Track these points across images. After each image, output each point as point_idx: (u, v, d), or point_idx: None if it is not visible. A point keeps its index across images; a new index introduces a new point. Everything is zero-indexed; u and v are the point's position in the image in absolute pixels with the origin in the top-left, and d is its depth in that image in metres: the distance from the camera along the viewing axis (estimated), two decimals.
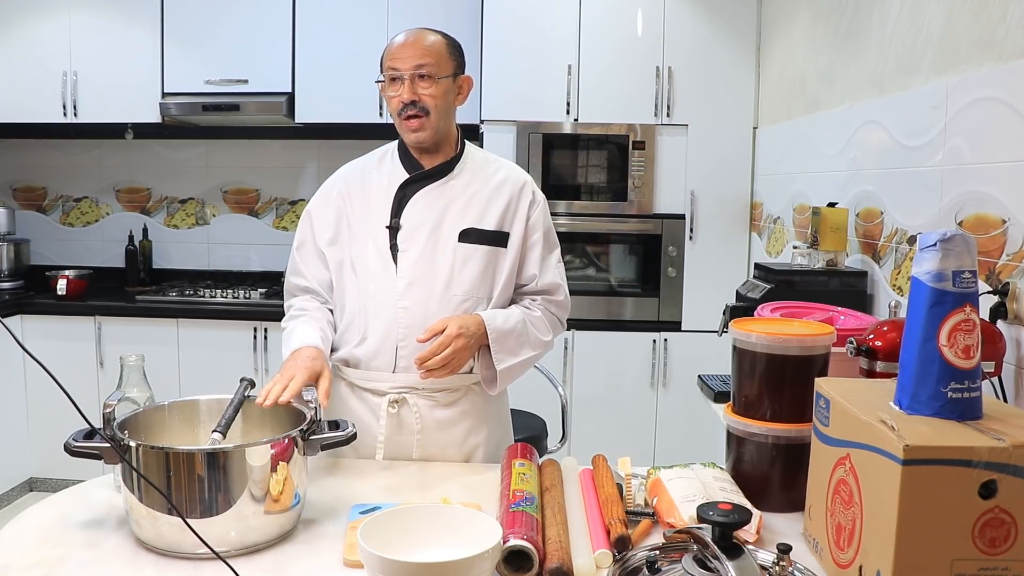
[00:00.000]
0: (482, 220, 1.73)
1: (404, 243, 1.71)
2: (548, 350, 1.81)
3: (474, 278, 1.71)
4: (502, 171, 1.80)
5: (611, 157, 3.55)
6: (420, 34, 1.72)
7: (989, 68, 1.78)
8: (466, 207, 1.74)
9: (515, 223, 1.76)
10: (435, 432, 1.72)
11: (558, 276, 1.82)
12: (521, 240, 1.77)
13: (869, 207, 2.37)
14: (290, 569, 1.18)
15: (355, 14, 3.73)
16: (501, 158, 1.87)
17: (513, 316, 1.72)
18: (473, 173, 1.77)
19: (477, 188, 1.75)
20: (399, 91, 1.68)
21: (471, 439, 1.75)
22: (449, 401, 1.73)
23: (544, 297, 1.80)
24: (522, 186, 1.79)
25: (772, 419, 1.39)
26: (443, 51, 1.71)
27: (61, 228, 4.34)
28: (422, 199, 1.73)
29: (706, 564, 1.02)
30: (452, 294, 1.70)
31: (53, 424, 2.46)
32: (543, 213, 1.81)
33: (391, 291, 1.70)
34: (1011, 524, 0.97)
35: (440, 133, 1.73)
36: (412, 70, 1.67)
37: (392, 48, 1.70)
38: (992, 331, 1.60)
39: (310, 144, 4.15)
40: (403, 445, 1.71)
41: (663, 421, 3.56)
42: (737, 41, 3.49)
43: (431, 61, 1.68)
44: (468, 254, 1.71)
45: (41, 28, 3.82)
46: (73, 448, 1.22)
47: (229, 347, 3.62)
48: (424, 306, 1.68)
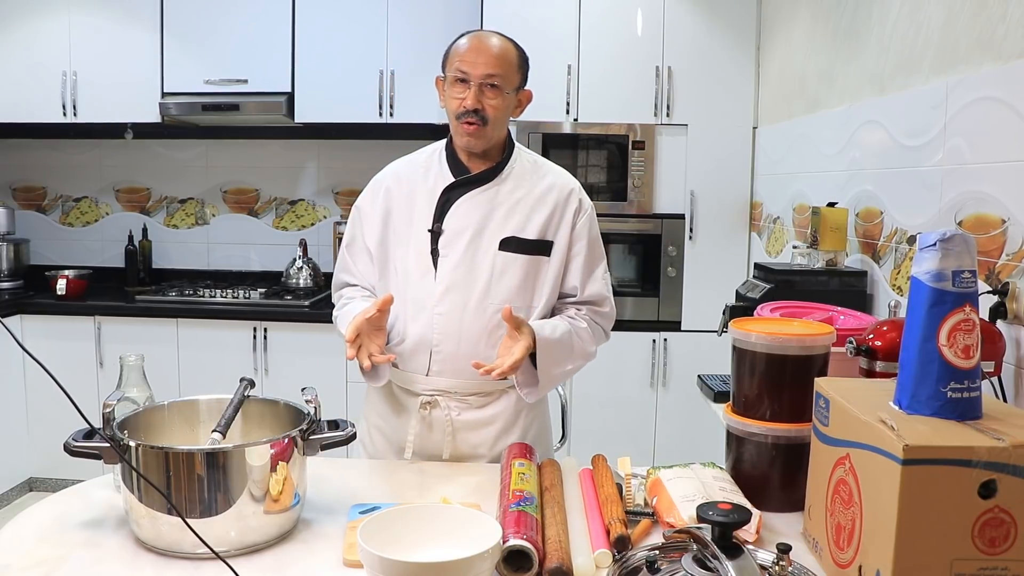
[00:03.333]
0: (525, 228, 1.71)
1: (445, 248, 1.69)
2: (590, 361, 1.78)
3: (512, 287, 1.69)
4: (549, 177, 1.77)
5: (611, 157, 3.56)
6: (493, 40, 1.68)
7: (989, 68, 1.78)
8: (509, 214, 1.71)
9: (560, 232, 1.73)
10: (466, 433, 1.71)
11: (604, 287, 1.78)
12: (565, 249, 1.73)
13: (869, 207, 2.37)
14: (290, 569, 1.18)
15: (355, 14, 3.73)
16: (550, 163, 1.83)
17: (560, 327, 1.69)
18: (520, 179, 1.74)
19: (522, 195, 1.72)
20: (463, 94, 1.65)
21: (502, 441, 1.72)
22: (481, 404, 1.72)
23: (589, 307, 1.77)
24: (568, 193, 1.75)
25: (772, 419, 1.39)
26: (514, 62, 1.69)
27: (61, 228, 4.34)
28: (465, 204, 1.71)
29: (706, 564, 1.02)
30: (488, 302, 1.68)
31: (53, 424, 2.46)
32: (589, 221, 1.77)
33: (429, 296, 1.69)
34: (1011, 524, 0.97)
35: (492, 142, 1.72)
36: (482, 78, 1.65)
37: (463, 49, 1.67)
38: (992, 331, 1.60)
39: (310, 144, 4.15)
40: (434, 445, 1.71)
41: (663, 421, 3.56)
42: (737, 41, 3.49)
43: (502, 72, 1.66)
44: (508, 263, 1.69)
45: (41, 28, 3.82)
46: (73, 448, 1.22)
47: (229, 347, 3.62)
48: (460, 313, 1.67)
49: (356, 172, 4.11)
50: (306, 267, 4.02)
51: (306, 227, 4.19)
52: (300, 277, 4.01)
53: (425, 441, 1.71)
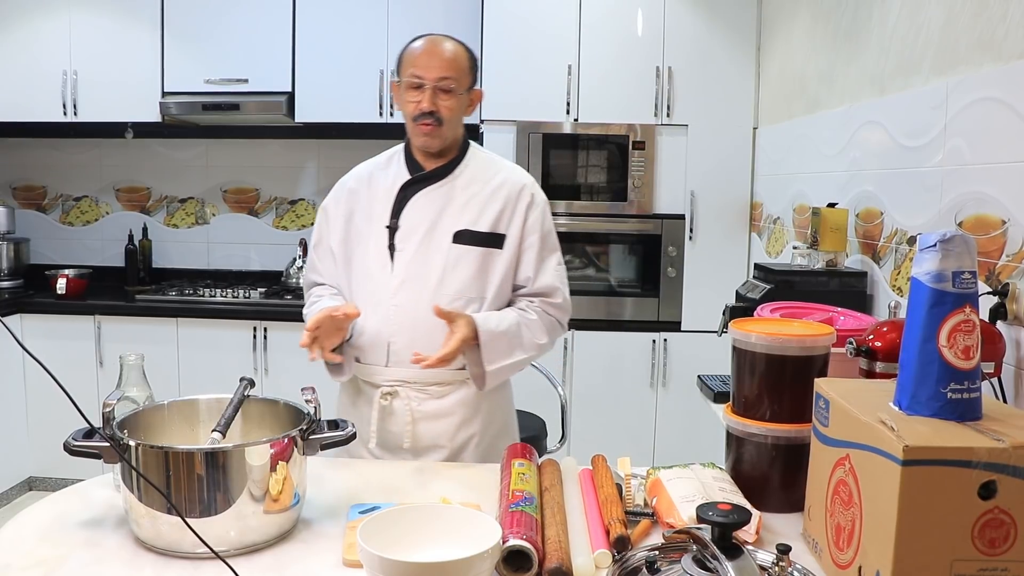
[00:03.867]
0: (477, 222, 1.78)
1: (401, 243, 1.77)
2: (544, 352, 1.84)
3: (466, 279, 1.76)
4: (502, 173, 1.84)
5: (611, 157, 3.55)
6: (446, 44, 1.76)
7: (989, 68, 1.78)
8: (463, 209, 1.78)
9: (512, 225, 1.80)
10: (426, 423, 1.77)
11: (556, 279, 1.83)
12: (517, 242, 1.80)
13: (869, 207, 2.37)
14: (289, 569, 1.18)
15: (355, 14, 3.73)
16: (505, 160, 1.90)
17: (507, 319, 1.75)
18: (474, 175, 1.81)
19: (476, 190, 1.80)
20: (418, 98, 1.73)
21: (463, 432, 1.79)
22: (441, 394, 1.78)
23: (542, 299, 1.82)
24: (521, 188, 1.82)
25: (772, 419, 1.39)
26: (465, 65, 1.77)
27: (61, 227, 4.34)
28: (421, 200, 1.79)
29: (705, 564, 1.02)
30: (443, 293, 1.74)
31: (52, 423, 2.46)
32: (542, 215, 1.84)
33: (385, 288, 1.76)
34: (1010, 525, 0.97)
35: (448, 141, 1.79)
36: (436, 81, 1.72)
37: (416, 54, 1.74)
38: (992, 332, 1.60)
39: (310, 144, 4.15)
40: (394, 435, 1.78)
41: (663, 421, 3.56)
42: (737, 41, 3.49)
43: (454, 75, 1.74)
44: (461, 255, 1.76)
45: (41, 27, 3.82)
46: (73, 447, 1.22)
47: (229, 346, 3.62)
48: (415, 305, 1.74)
49: None
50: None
51: (306, 227, 4.19)
52: (300, 277, 4.00)
53: (386, 432, 1.78)
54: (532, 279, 1.80)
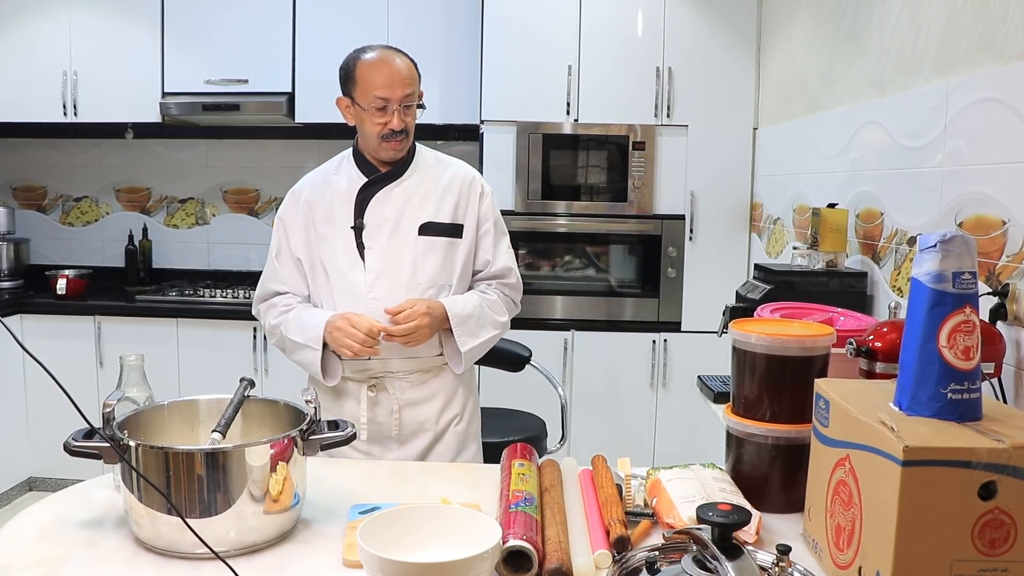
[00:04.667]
0: (438, 214, 1.88)
1: (369, 240, 1.86)
2: (505, 330, 1.97)
3: (435, 267, 1.87)
4: (451, 169, 1.95)
5: (611, 157, 3.55)
6: (398, 60, 1.82)
7: (989, 69, 1.78)
8: (423, 203, 1.88)
9: (467, 215, 1.92)
10: (411, 410, 1.89)
11: (509, 260, 1.98)
12: (474, 230, 1.92)
13: (869, 208, 2.37)
14: (289, 569, 1.18)
15: (355, 14, 3.73)
16: (450, 157, 2.01)
17: (471, 301, 1.89)
18: (425, 172, 1.92)
19: (430, 186, 1.90)
20: (385, 119, 1.80)
21: (446, 414, 1.92)
22: (422, 381, 1.90)
23: (498, 281, 1.96)
24: (471, 181, 1.94)
25: (772, 420, 1.39)
26: (416, 74, 1.85)
27: (61, 228, 4.34)
28: (382, 199, 1.87)
29: (705, 565, 1.02)
30: (417, 283, 1.85)
31: (52, 424, 2.47)
32: (492, 204, 1.97)
33: (361, 285, 1.84)
34: (1011, 525, 0.97)
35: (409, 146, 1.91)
36: (401, 100, 1.80)
37: (375, 76, 1.79)
38: (992, 332, 1.60)
39: (310, 144, 4.15)
40: (383, 425, 1.87)
41: (663, 422, 3.56)
42: (737, 42, 3.49)
43: (414, 90, 1.83)
44: (428, 246, 1.87)
45: (41, 28, 3.82)
46: (73, 448, 1.22)
47: (229, 347, 3.62)
48: (392, 296, 1.82)
49: None
50: None
51: None
52: None
53: (375, 423, 1.87)
54: (490, 263, 1.93)
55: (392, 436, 1.87)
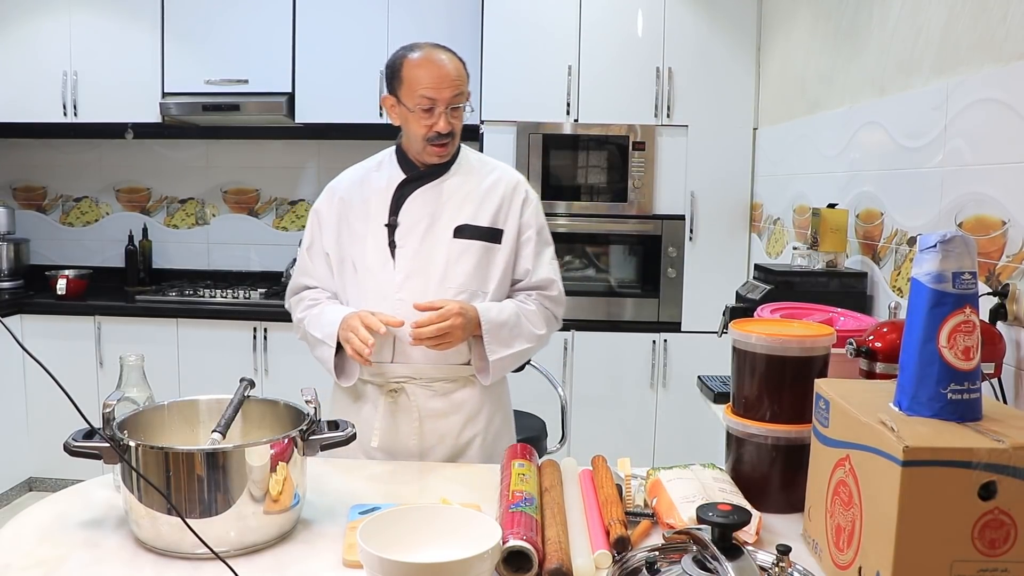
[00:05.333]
0: (476, 217, 1.79)
1: (401, 239, 1.78)
2: (543, 344, 1.86)
3: (468, 272, 1.77)
4: (496, 172, 1.86)
5: (611, 158, 3.55)
6: (447, 60, 1.73)
7: (989, 69, 1.78)
8: (461, 204, 1.80)
9: (508, 220, 1.82)
10: (432, 421, 1.78)
11: (552, 272, 1.87)
12: (515, 237, 1.83)
13: (869, 208, 2.37)
14: (289, 569, 1.18)
15: (355, 14, 3.73)
16: (496, 161, 1.92)
17: (507, 309, 1.78)
18: (467, 174, 1.83)
19: (471, 188, 1.81)
20: (432, 121, 1.72)
21: (468, 430, 1.81)
22: (446, 391, 1.79)
23: (539, 292, 1.85)
24: (515, 185, 1.85)
25: (772, 420, 1.39)
26: (465, 74, 1.77)
27: (61, 228, 4.34)
28: (419, 197, 1.79)
29: (705, 565, 1.02)
30: (447, 287, 1.76)
31: (53, 424, 2.46)
32: (536, 211, 1.87)
33: (389, 284, 1.76)
34: (1011, 525, 0.97)
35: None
36: (449, 102, 1.71)
37: (423, 76, 1.70)
38: (992, 332, 1.60)
39: (310, 144, 4.15)
40: (401, 434, 1.78)
41: (663, 422, 3.56)
42: (737, 42, 3.49)
43: (463, 89, 1.74)
44: (463, 249, 1.77)
45: (41, 28, 3.82)
46: (73, 448, 1.22)
47: (229, 347, 3.62)
48: (420, 298, 1.73)
49: None
50: None
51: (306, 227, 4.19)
52: None
53: (392, 431, 1.77)
54: (530, 272, 1.83)
55: (411, 446, 1.77)
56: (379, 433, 1.76)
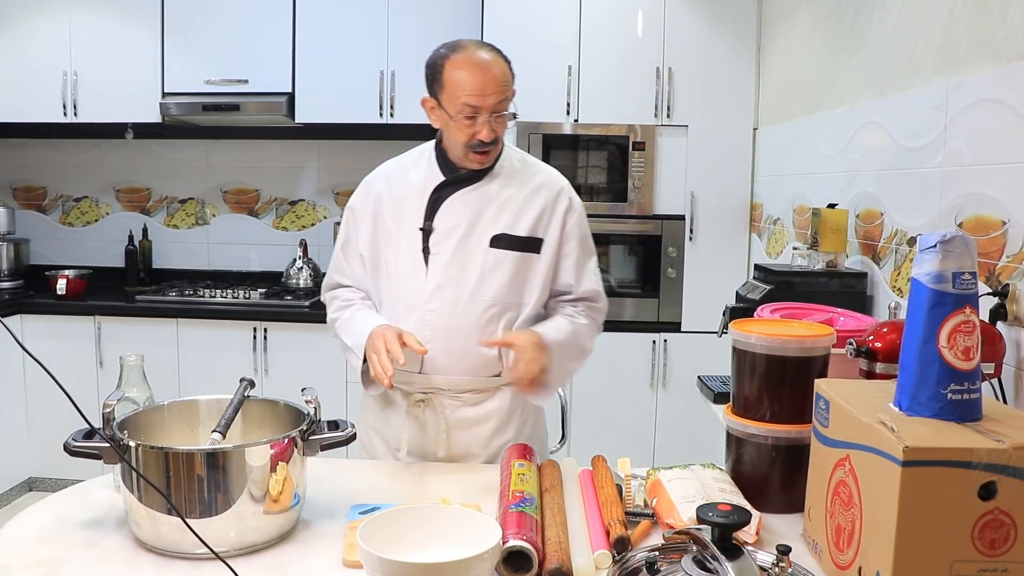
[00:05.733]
0: (515, 226, 1.71)
1: (436, 246, 1.70)
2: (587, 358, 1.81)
3: (503, 284, 1.70)
4: (539, 176, 1.77)
5: (611, 158, 3.55)
6: (492, 63, 1.64)
7: (989, 69, 1.78)
8: (499, 212, 1.71)
9: (550, 229, 1.74)
10: (460, 431, 1.72)
11: (597, 283, 1.81)
12: (556, 247, 1.74)
13: (869, 208, 2.37)
14: (289, 569, 1.18)
15: (355, 14, 3.73)
16: (540, 162, 1.83)
17: (564, 328, 1.71)
18: (509, 178, 1.74)
19: (512, 193, 1.73)
20: (474, 128, 1.63)
21: (496, 440, 1.74)
22: (475, 401, 1.73)
23: (586, 303, 1.79)
24: (558, 192, 1.76)
25: (772, 420, 1.39)
26: (511, 77, 1.67)
27: (61, 228, 4.34)
28: (456, 202, 1.71)
29: (705, 565, 1.02)
30: (480, 299, 1.68)
31: (53, 424, 2.46)
32: (579, 220, 1.78)
33: (420, 293, 1.70)
34: (1011, 525, 0.97)
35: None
36: (492, 109, 1.63)
37: (468, 82, 1.61)
38: (992, 332, 1.60)
39: (310, 144, 4.15)
40: (428, 444, 1.73)
41: (663, 422, 3.56)
42: (737, 42, 3.49)
43: (507, 95, 1.65)
44: (499, 260, 1.70)
45: (41, 28, 3.82)
46: (73, 448, 1.22)
47: (229, 347, 3.62)
48: (451, 310, 1.68)
49: (356, 172, 4.05)
50: (306, 267, 4.02)
51: (306, 227, 4.19)
52: (300, 277, 4.01)
53: (420, 440, 1.73)
54: (574, 285, 1.76)
55: (439, 457, 1.71)
56: (407, 442, 1.72)
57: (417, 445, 1.73)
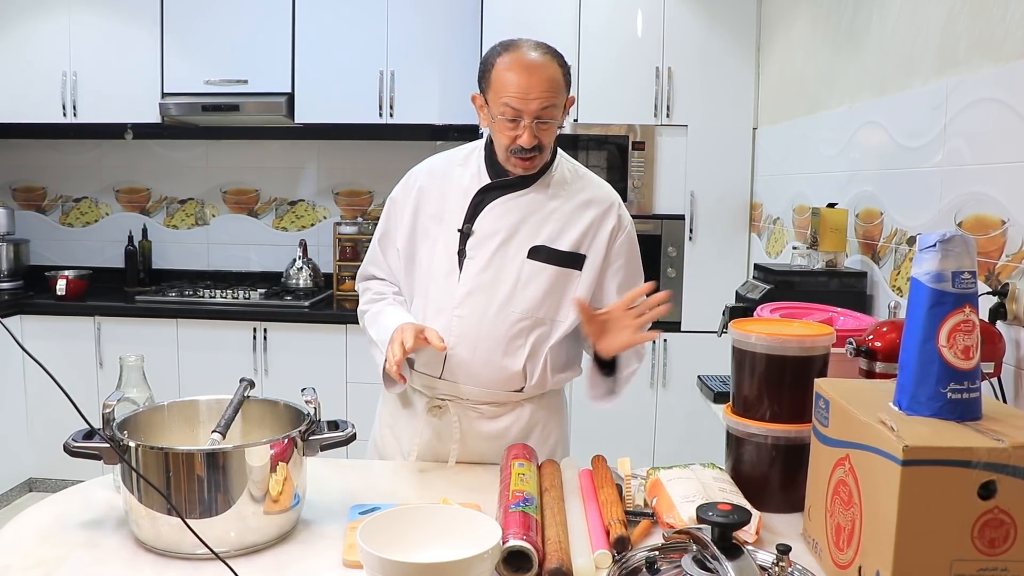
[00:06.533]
0: (558, 239, 1.65)
1: (472, 250, 1.65)
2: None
3: (536, 298, 1.63)
4: (589, 190, 1.70)
5: (611, 158, 3.55)
6: (541, 64, 1.55)
7: (989, 69, 1.78)
8: (543, 223, 1.65)
9: (594, 247, 1.67)
10: (475, 443, 1.68)
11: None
12: (599, 266, 1.68)
13: (869, 208, 2.37)
14: (289, 569, 1.18)
15: (355, 14, 3.73)
16: (591, 173, 1.76)
17: None
18: (558, 188, 1.67)
19: (559, 204, 1.66)
20: (516, 132, 1.57)
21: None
22: (493, 415, 1.68)
23: None
24: (606, 209, 1.69)
25: (771, 420, 1.39)
26: (563, 83, 1.59)
27: (61, 228, 4.34)
28: (499, 208, 1.65)
29: (705, 565, 1.02)
30: (510, 310, 1.63)
31: (52, 424, 2.47)
32: (628, 240, 1.72)
33: (450, 296, 1.64)
34: (1010, 525, 0.97)
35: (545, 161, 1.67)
36: (536, 113, 1.55)
37: (514, 85, 1.54)
38: (991, 332, 1.60)
39: (310, 144, 4.15)
40: (441, 450, 1.68)
41: (663, 422, 3.56)
42: (737, 41, 3.49)
43: (555, 101, 1.56)
44: (535, 272, 1.63)
45: (41, 28, 3.82)
46: (72, 448, 1.22)
47: (228, 347, 3.62)
48: (479, 318, 1.63)
49: (356, 172, 4.11)
50: (306, 268, 4.02)
51: (306, 227, 4.19)
52: (300, 278, 4.01)
53: (432, 447, 1.69)
54: None
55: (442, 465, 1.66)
56: (418, 447, 1.68)
57: (429, 451, 1.69)
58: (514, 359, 1.64)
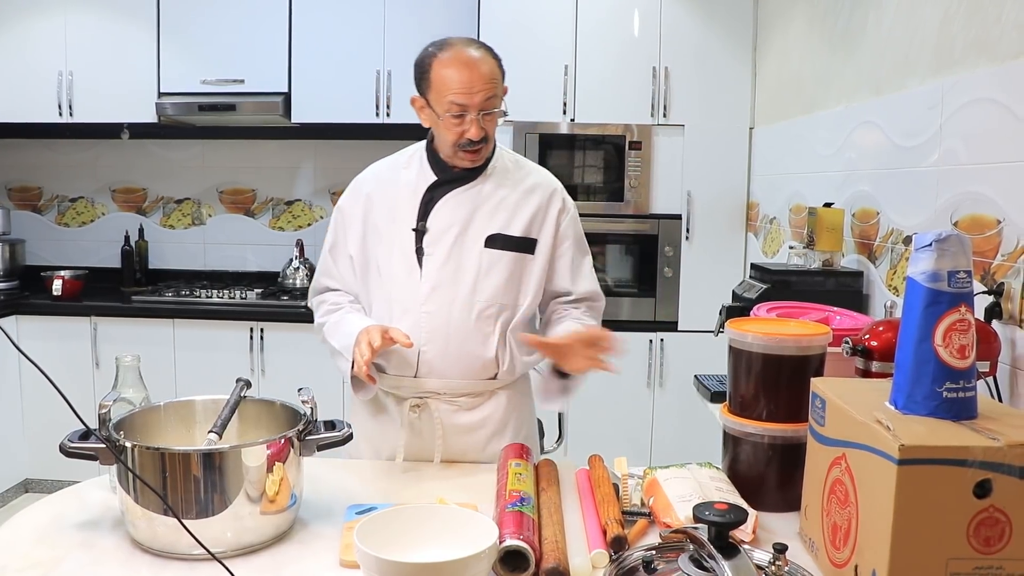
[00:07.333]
0: (509, 226, 1.70)
1: (430, 247, 1.68)
2: None
3: (498, 285, 1.69)
4: (532, 176, 1.77)
5: (607, 157, 3.56)
6: (479, 60, 1.63)
7: (984, 69, 1.78)
8: (494, 212, 1.70)
9: (544, 230, 1.73)
10: (457, 436, 1.70)
11: (594, 282, 1.82)
12: (550, 248, 1.74)
13: (865, 207, 2.37)
14: (286, 569, 1.18)
15: (352, 14, 3.73)
16: (531, 162, 1.83)
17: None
18: (502, 177, 1.74)
19: (506, 193, 1.72)
20: (463, 127, 1.62)
21: (493, 444, 1.72)
22: (472, 405, 1.72)
23: (586, 304, 1.79)
24: (552, 193, 1.76)
25: (768, 419, 1.39)
26: (500, 73, 1.67)
27: (57, 228, 4.33)
28: (450, 202, 1.70)
29: (702, 564, 1.03)
30: (476, 300, 1.67)
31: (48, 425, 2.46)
32: (573, 221, 1.79)
33: (415, 295, 1.67)
34: (1006, 523, 0.97)
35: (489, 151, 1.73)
36: (480, 106, 1.62)
37: (452, 79, 1.61)
38: (987, 331, 1.60)
39: (306, 144, 4.15)
40: (424, 449, 1.70)
41: (659, 421, 3.56)
42: (734, 42, 3.49)
43: (497, 92, 1.65)
44: (494, 260, 1.69)
45: (36, 28, 3.81)
46: (69, 449, 1.22)
47: (225, 347, 3.61)
48: (447, 311, 1.66)
49: (353, 172, 4.02)
50: (303, 267, 4.02)
51: (303, 227, 4.19)
52: (297, 277, 4.01)
53: (415, 447, 1.70)
54: (572, 287, 1.77)
55: (434, 463, 1.67)
56: (403, 449, 1.68)
57: (413, 452, 1.70)
58: (485, 347, 1.68)
